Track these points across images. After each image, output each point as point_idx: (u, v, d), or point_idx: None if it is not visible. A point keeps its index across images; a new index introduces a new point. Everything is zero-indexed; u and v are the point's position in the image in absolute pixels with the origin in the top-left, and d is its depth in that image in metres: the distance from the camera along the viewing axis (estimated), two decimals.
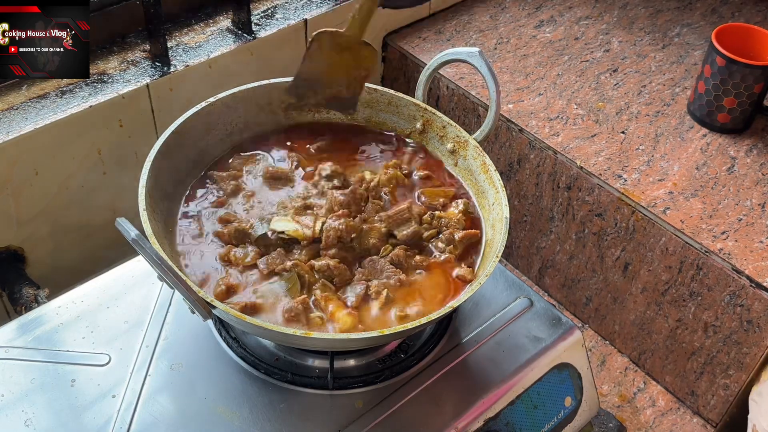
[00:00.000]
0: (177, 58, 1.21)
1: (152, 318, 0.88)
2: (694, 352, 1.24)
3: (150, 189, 0.80)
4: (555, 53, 1.51)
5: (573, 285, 1.39)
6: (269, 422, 0.79)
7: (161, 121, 1.20)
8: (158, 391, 0.81)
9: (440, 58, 0.93)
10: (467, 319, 0.92)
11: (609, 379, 1.33)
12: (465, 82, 1.40)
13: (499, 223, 0.84)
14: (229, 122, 0.94)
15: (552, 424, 0.90)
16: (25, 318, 0.88)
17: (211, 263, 0.81)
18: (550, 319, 0.93)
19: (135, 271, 0.93)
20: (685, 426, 1.27)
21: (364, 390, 0.83)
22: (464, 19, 1.59)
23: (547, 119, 1.36)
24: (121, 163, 1.17)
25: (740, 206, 1.21)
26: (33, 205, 1.11)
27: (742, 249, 1.15)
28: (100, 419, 0.78)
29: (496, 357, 0.88)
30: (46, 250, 1.16)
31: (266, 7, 1.35)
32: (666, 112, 1.38)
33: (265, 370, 0.83)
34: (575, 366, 0.92)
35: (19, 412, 0.78)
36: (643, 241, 1.23)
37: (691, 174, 1.27)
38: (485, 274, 0.77)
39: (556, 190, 1.33)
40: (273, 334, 0.73)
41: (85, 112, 1.10)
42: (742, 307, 1.14)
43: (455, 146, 0.95)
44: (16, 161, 1.06)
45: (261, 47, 1.28)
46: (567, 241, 1.36)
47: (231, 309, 0.72)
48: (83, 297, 0.90)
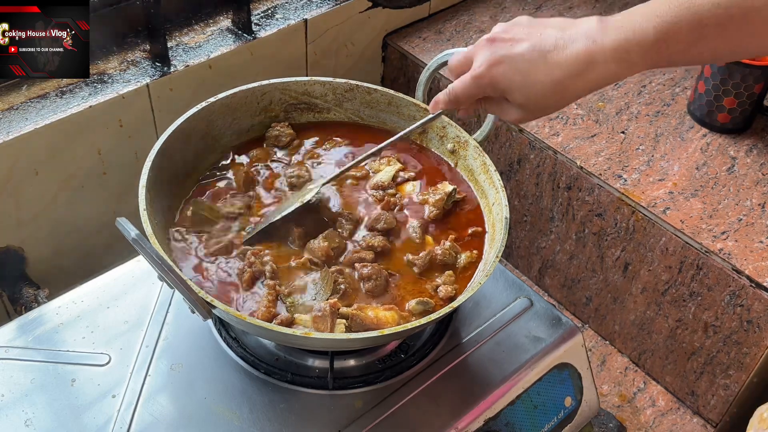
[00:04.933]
0: (177, 58, 1.21)
1: (152, 318, 0.88)
2: (694, 352, 1.24)
3: (150, 189, 0.80)
4: None
5: (573, 285, 1.39)
6: (269, 422, 0.79)
7: (161, 121, 1.20)
8: (158, 391, 0.81)
9: (440, 58, 0.93)
10: (467, 319, 0.92)
11: (609, 379, 1.33)
12: None
13: (499, 223, 0.84)
14: (229, 122, 0.94)
15: (552, 424, 0.90)
16: (25, 318, 0.88)
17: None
18: (550, 319, 0.93)
19: (135, 271, 0.93)
20: (685, 426, 1.27)
21: (364, 390, 0.83)
22: (464, 19, 1.59)
23: (547, 119, 1.36)
24: (121, 163, 1.17)
25: (740, 206, 1.21)
26: (33, 205, 1.11)
27: (742, 249, 1.15)
28: (100, 419, 0.78)
29: (496, 357, 0.88)
30: (46, 250, 1.16)
31: (266, 7, 1.35)
32: (666, 112, 1.38)
33: (265, 370, 0.83)
34: (575, 366, 0.92)
35: (19, 412, 0.78)
36: (643, 241, 1.23)
37: (691, 174, 1.27)
38: (485, 274, 0.77)
39: (556, 190, 1.33)
40: (273, 334, 0.73)
41: (85, 112, 1.10)
42: (742, 307, 1.14)
43: (455, 146, 0.95)
44: (16, 161, 1.06)
45: (261, 47, 1.28)
46: (567, 241, 1.36)
47: (231, 309, 0.72)
48: (83, 297, 0.90)
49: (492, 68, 0.68)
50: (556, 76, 0.65)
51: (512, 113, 0.71)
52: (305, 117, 1.00)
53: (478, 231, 0.88)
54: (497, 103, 0.72)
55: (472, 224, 0.89)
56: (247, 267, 0.80)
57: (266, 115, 0.97)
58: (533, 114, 0.70)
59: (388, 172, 0.93)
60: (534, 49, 0.65)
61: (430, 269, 0.84)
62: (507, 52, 0.67)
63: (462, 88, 0.72)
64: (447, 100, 0.77)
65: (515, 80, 0.67)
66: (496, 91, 0.69)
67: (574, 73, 0.64)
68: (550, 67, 0.65)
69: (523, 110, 0.69)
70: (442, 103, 0.78)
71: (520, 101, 0.68)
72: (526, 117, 0.70)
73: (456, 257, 0.85)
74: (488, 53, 0.68)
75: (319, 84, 0.97)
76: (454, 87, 0.74)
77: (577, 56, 0.64)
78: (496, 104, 0.72)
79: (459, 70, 0.74)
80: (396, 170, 0.94)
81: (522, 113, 0.70)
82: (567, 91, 0.66)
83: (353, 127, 1.00)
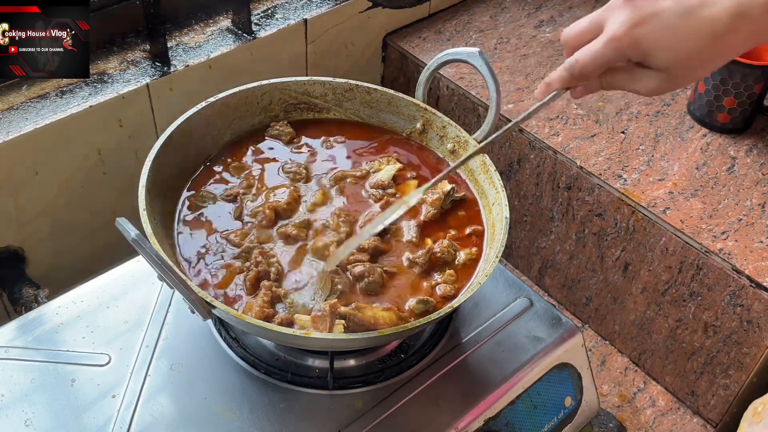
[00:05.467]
0: (177, 58, 1.21)
1: (152, 318, 0.88)
2: (694, 352, 1.24)
3: (150, 189, 0.80)
4: (555, 53, 1.51)
5: (573, 285, 1.39)
6: (269, 422, 0.79)
7: (161, 121, 1.20)
8: (158, 391, 0.81)
9: (440, 58, 0.93)
10: (467, 319, 0.92)
11: (609, 379, 1.33)
12: (465, 82, 1.40)
13: (499, 223, 0.84)
14: (229, 122, 0.94)
15: (552, 424, 0.90)
16: (25, 318, 0.88)
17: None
18: (550, 319, 0.93)
19: (135, 271, 0.93)
20: (685, 426, 1.27)
21: (364, 390, 0.83)
22: (464, 19, 1.59)
23: (547, 119, 1.36)
24: (121, 163, 1.17)
25: (740, 206, 1.21)
26: (33, 205, 1.11)
27: (742, 249, 1.15)
28: (100, 419, 0.78)
29: (496, 357, 0.88)
30: (46, 250, 1.16)
31: (266, 7, 1.35)
32: (666, 112, 1.38)
33: (265, 370, 0.83)
34: (575, 366, 0.92)
35: (19, 412, 0.78)
36: (643, 241, 1.23)
37: (691, 174, 1.27)
38: (485, 274, 0.77)
39: (556, 190, 1.33)
40: (273, 334, 0.73)
41: (85, 112, 1.10)
42: (742, 307, 1.14)
43: (455, 146, 0.95)
44: (16, 161, 1.06)
45: (261, 47, 1.28)
46: (567, 241, 1.36)
47: (230, 309, 0.72)
48: (83, 297, 0.90)
49: (635, 28, 0.62)
50: (707, 31, 0.60)
51: (649, 82, 0.64)
52: (305, 117, 1.00)
53: (477, 230, 0.88)
54: (628, 73, 0.65)
55: (472, 224, 0.89)
56: (254, 266, 0.80)
57: (266, 115, 0.97)
58: (676, 80, 0.64)
59: (388, 172, 0.93)
60: (680, 4, 0.60)
61: (430, 268, 0.84)
62: (652, 9, 0.61)
63: (592, 56, 0.64)
64: (568, 76, 0.67)
65: (663, 39, 0.61)
66: (638, 54, 0.63)
67: (726, 29, 0.60)
68: (700, 23, 0.60)
69: (667, 75, 0.63)
70: (558, 81, 0.69)
71: (666, 64, 0.62)
72: (667, 84, 0.64)
73: (455, 254, 0.85)
74: (628, 12, 0.62)
75: (319, 84, 0.97)
76: (578, 58, 0.66)
77: (727, 10, 0.59)
78: (627, 74, 0.65)
79: (580, 40, 0.67)
80: (396, 170, 0.94)
81: (662, 80, 0.64)
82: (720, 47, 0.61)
83: (353, 125, 1.00)
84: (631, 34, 0.62)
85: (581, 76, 0.67)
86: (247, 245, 0.83)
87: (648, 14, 0.61)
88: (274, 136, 0.96)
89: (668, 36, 0.61)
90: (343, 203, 0.90)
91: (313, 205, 0.89)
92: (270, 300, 0.77)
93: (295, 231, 0.84)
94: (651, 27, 0.61)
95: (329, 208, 0.88)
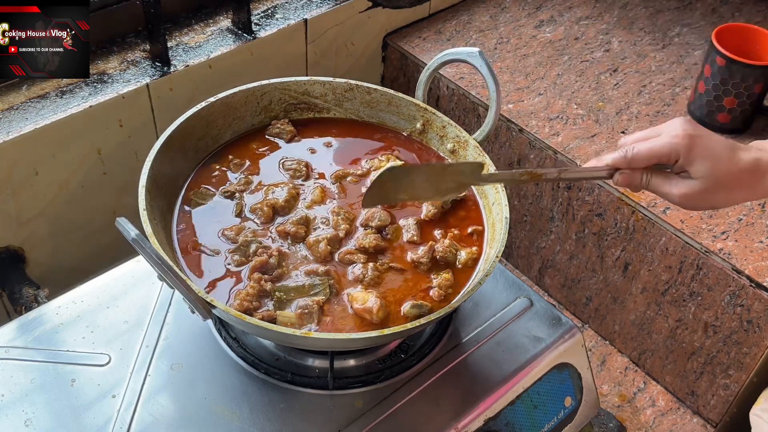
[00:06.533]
0: (177, 58, 1.21)
1: (152, 318, 0.88)
2: (694, 352, 1.24)
3: (150, 189, 0.80)
4: (555, 53, 1.51)
5: (573, 285, 1.39)
6: (269, 422, 0.79)
7: (161, 121, 1.20)
8: (158, 391, 0.81)
9: (440, 58, 0.93)
10: (467, 319, 0.92)
11: (609, 379, 1.33)
12: (465, 82, 1.40)
13: (499, 222, 0.84)
14: (229, 122, 0.94)
15: (552, 424, 0.90)
16: (25, 318, 0.88)
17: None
18: (550, 319, 0.93)
19: (135, 271, 0.93)
20: (685, 426, 1.27)
21: (364, 390, 0.83)
22: (464, 19, 1.59)
23: (547, 119, 1.36)
24: (121, 163, 1.17)
25: (740, 206, 1.21)
26: (33, 205, 1.11)
27: (742, 249, 1.15)
28: (100, 419, 0.78)
29: (496, 357, 0.88)
30: (46, 250, 1.16)
31: (266, 7, 1.36)
32: (666, 112, 1.38)
33: (265, 370, 0.83)
34: (575, 366, 0.92)
35: (19, 412, 0.78)
36: (643, 241, 1.23)
37: None
38: (485, 274, 0.77)
39: (556, 190, 1.33)
40: (273, 334, 0.73)
41: (85, 112, 1.10)
42: (742, 307, 1.14)
43: (455, 146, 0.95)
44: (16, 161, 1.06)
45: (261, 47, 1.28)
46: (567, 241, 1.36)
47: (230, 309, 0.72)
48: (83, 297, 0.90)
49: (693, 137, 0.72)
50: (739, 164, 0.73)
51: (683, 187, 0.73)
52: (305, 116, 1.00)
53: (478, 230, 0.88)
54: (667, 177, 0.75)
55: (472, 224, 0.89)
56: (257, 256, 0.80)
57: (266, 115, 0.97)
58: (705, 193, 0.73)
59: None
60: (727, 141, 0.74)
61: (431, 267, 0.84)
62: (706, 132, 0.73)
63: (648, 146, 0.74)
64: (621, 157, 0.75)
65: (709, 154, 0.72)
66: (686, 155, 0.72)
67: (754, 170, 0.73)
68: (738, 156, 0.73)
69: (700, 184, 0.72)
70: (611, 159, 0.76)
71: (704, 173, 0.72)
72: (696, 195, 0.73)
73: (456, 254, 0.85)
74: (687, 125, 0.73)
75: (319, 84, 0.97)
76: (636, 146, 0.75)
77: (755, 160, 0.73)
78: (665, 178, 0.75)
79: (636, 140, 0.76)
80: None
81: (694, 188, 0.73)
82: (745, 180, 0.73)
83: (353, 124, 1.00)
84: (688, 137, 0.72)
85: (633, 160, 0.75)
86: (243, 239, 0.83)
87: (703, 133, 0.73)
88: (274, 134, 0.96)
89: (713, 154, 0.72)
90: (343, 201, 0.90)
91: (312, 203, 0.89)
92: (256, 293, 0.77)
93: (293, 228, 0.84)
94: (703, 141, 0.72)
95: (328, 206, 0.88)
